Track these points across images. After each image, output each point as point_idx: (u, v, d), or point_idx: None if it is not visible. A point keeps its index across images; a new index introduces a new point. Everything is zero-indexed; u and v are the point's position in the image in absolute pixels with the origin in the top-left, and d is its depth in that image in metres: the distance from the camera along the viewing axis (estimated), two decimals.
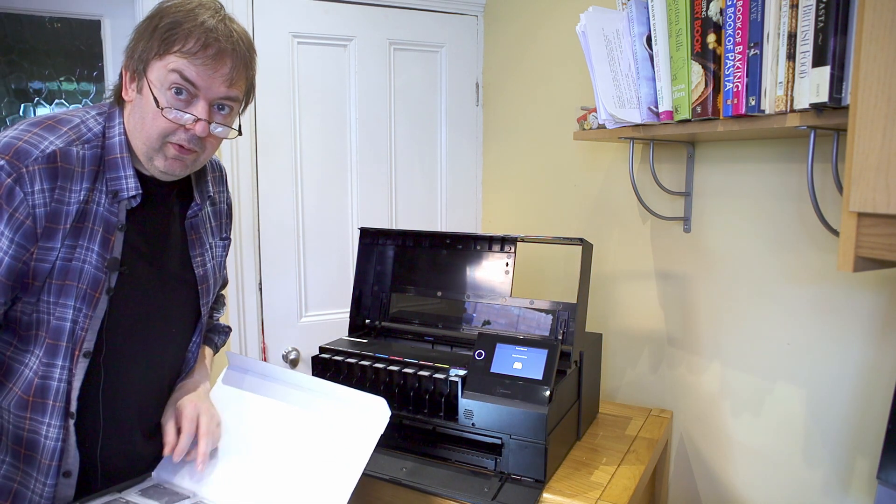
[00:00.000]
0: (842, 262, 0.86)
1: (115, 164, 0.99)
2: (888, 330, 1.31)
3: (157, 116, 0.96)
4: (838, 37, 1.01)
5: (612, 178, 1.81)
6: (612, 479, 1.28)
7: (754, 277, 1.52)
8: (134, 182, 1.00)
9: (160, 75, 0.95)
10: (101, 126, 1.00)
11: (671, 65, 1.28)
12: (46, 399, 0.97)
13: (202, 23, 0.95)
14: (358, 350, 1.42)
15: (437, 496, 1.23)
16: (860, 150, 0.82)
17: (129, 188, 0.99)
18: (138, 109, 0.98)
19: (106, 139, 0.99)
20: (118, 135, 1.00)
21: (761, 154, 1.49)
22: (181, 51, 0.94)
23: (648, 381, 1.77)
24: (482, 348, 1.31)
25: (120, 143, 0.99)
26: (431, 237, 1.63)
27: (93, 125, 0.99)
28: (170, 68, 0.94)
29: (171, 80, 0.95)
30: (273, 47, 1.94)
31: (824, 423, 1.42)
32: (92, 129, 0.99)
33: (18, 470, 0.99)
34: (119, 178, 0.99)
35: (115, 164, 0.99)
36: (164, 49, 0.94)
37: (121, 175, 0.99)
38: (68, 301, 0.95)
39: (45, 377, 0.96)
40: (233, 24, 0.99)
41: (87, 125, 0.98)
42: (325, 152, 2.06)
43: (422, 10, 2.10)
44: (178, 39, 0.94)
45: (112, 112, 1.02)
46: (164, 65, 0.94)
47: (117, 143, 0.99)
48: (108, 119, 1.01)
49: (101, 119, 1.01)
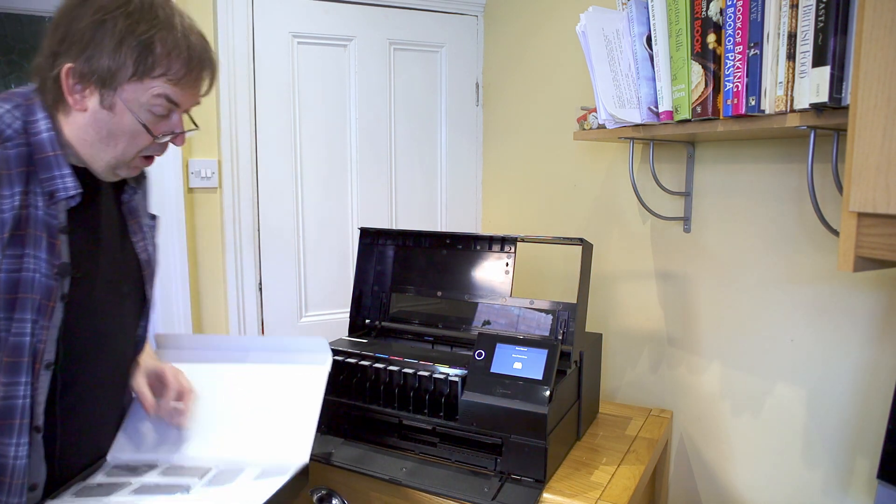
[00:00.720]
0: (842, 262, 0.86)
1: (48, 162, 0.91)
2: (888, 330, 1.31)
3: (138, 137, 0.93)
4: (838, 37, 1.01)
5: (612, 178, 1.81)
6: (612, 479, 1.28)
7: (754, 277, 1.52)
8: (72, 181, 0.92)
9: (141, 98, 0.91)
10: (20, 121, 0.90)
11: (671, 65, 1.28)
12: (12, 419, 0.90)
13: (180, 42, 0.91)
14: (358, 350, 1.42)
15: (437, 496, 1.23)
16: (860, 150, 0.82)
17: (67, 188, 0.91)
18: (103, 124, 0.92)
19: (30, 135, 0.90)
20: (45, 130, 0.91)
21: (761, 154, 1.49)
22: (166, 76, 0.91)
23: (648, 381, 1.77)
24: (482, 348, 1.31)
25: (50, 140, 0.91)
26: (431, 237, 1.63)
27: (10, 120, 0.89)
28: (155, 93, 0.92)
29: (155, 103, 0.92)
30: (273, 47, 1.94)
31: (824, 423, 1.42)
32: (10, 125, 0.89)
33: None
34: (54, 178, 0.91)
35: (47, 163, 0.91)
36: (143, 72, 0.90)
37: (55, 174, 0.91)
38: (25, 315, 0.88)
39: (7, 397, 0.89)
40: (197, 28, 0.96)
41: (3, 121, 0.89)
42: (325, 152, 2.06)
43: (422, 10, 2.10)
44: (160, 64, 0.90)
45: (31, 105, 0.92)
46: (146, 88, 0.91)
47: (46, 139, 0.91)
48: (27, 113, 0.91)
49: (17, 113, 0.91)
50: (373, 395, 1.36)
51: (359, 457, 1.35)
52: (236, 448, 1.09)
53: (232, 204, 1.95)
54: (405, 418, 1.34)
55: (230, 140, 1.93)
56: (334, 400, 1.40)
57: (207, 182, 1.92)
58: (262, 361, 1.15)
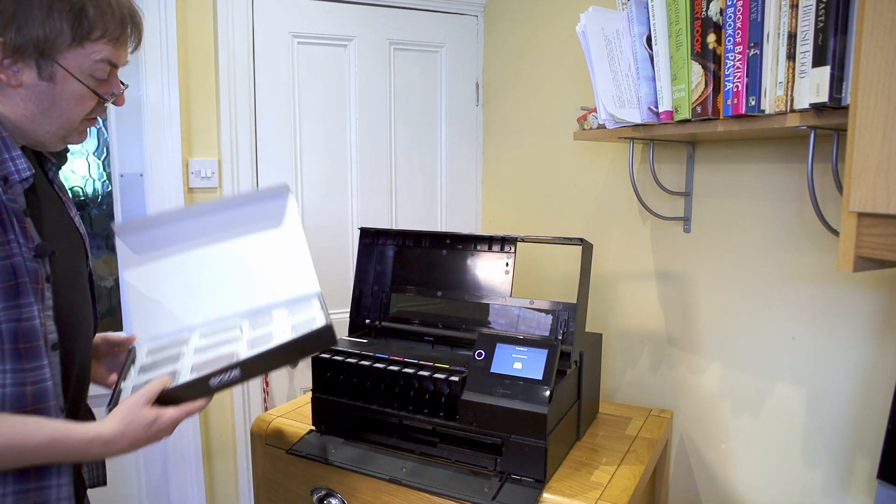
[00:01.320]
0: (842, 262, 0.86)
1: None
2: (888, 330, 1.31)
3: (83, 101, 0.93)
4: (838, 37, 1.01)
5: (612, 178, 1.81)
6: (612, 479, 1.28)
7: (754, 277, 1.52)
8: (24, 162, 0.90)
9: (83, 64, 0.91)
10: None
11: (671, 65, 1.28)
12: (46, 402, 0.91)
13: (110, 0, 0.91)
14: (358, 350, 1.42)
15: (437, 496, 1.23)
16: (860, 150, 0.82)
17: (21, 169, 0.89)
18: (45, 96, 0.91)
19: None
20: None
21: (761, 154, 1.49)
22: (105, 38, 0.91)
23: (648, 381, 1.77)
24: (482, 348, 1.31)
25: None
26: (431, 237, 1.63)
27: None
28: (97, 58, 0.91)
29: (98, 67, 0.92)
30: (273, 47, 1.95)
31: (824, 423, 1.42)
32: None
33: (29, 492, 0.91)
34: (5, 161, 0.89)
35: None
36: (80, 37, 0.89)
37: (6, 157, 0.89)
38: (29, 299, 0.88)
39: (36, 382, 0.90)
40: None
41: None
42: (324, 152, 2.06)
43: (422, 10, 2.10)
44: (97, 26, 0.90)
45: None
46: (87, 54, 0.90)
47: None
48: None
49: None
50: (373, 395, 1.36)
51: (359, 457, 1.35)
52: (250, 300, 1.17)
53: None
54: (405, 418, 1.34)
55: (230, 140, 1.93)
56: (334, 400, 1.40)
57: (207, 182, 1.92)
58: (235, 235, 1.20)
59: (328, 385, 1.40)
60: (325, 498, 1.36)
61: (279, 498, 1.46)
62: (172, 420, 0.96)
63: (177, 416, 0.97)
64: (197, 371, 1.00)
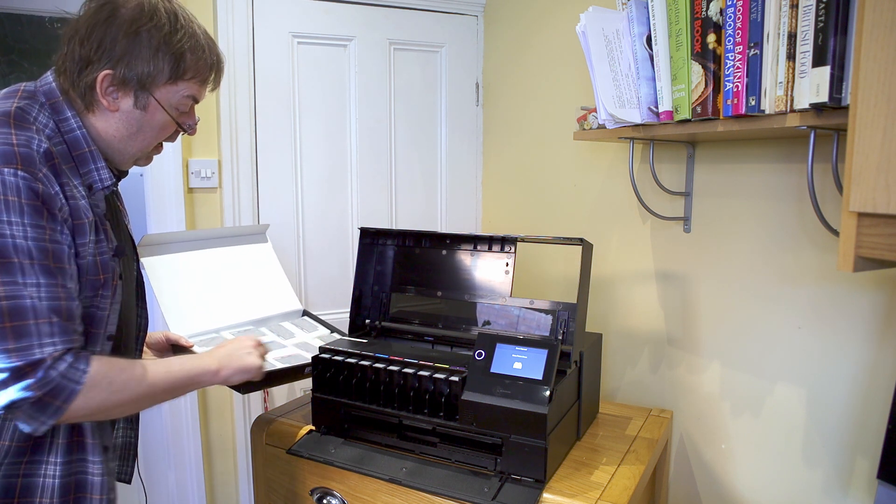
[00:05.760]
0: (842, 262, 0.86)
1: (86, 157, 1.00)
2: (888, 330, 1.31)
3: (164, 130, 1.06)
4: (838, 37, 1.01)
5: (612, 178, 1.81)
6: (612, 479, 1.28)
7: (754, 277, 1.52)
8: (107, 172, 1.02)
9: (173, 98, 1.04)
10: (52, 121, 0.98)
11: (671, 65, 1.28)
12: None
13: (203, 48, 1.04)
14: (358, 350, 1.42)
15: (437, 496, 1.23)
16: (860, 150, 0.82)
17: (103, 178, 1.02)
18: (135, 122, 1.03)
19: (64, 134, 0.98)
20: (78, 128, 0.99)
21: (761, 154, 1.49)
22: (197, 79, 1.05)
23: (648, 381, 1.77)
24: (482, 348, 1.31)
25: (84, 137, 1.00)
26: (431, 237, 1.63)
27: (45, 120, 0.97)
28: (185, 94, 1.05)
29: (183, 102, 1.06)
30: (273, 47, 1.94)
31: (824, 423, 1.42)
32: (47, 125, 0.96)
33: (72, 463, 1.02)
34: (92, 171, 1.01)
35: (85, 158, 1.00)
36: (176, 77, 1.02)
37: (92, 168, 1.01)
38: (106, 292, 1.02)
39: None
40: (204, 28, 1.07)
41: (40, 121, 0.96)
42: (325, 152, 2.06)
43: (422, 10, 2.10)
44: (190, 68, 1.03)
45: (56, 104, 0.99)
46: (178, 90, 1.04)
47: (80, 136, 1.00)
48: (55, 112, 0.99)
49: (47, 113, 0.98)
50: (373, 395, 1.36)
51: (359, 457, 1.35)
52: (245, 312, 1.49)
53: (232, 204, 1.95)
54: (405, 418, 1.34)
55: (230, 140, 1.93)
56: (334, 400, 1.40)
57: (207, 182, 1.92)
58: (221, 245, 1.53)
59: (328, 385, 1.40)
60: (324, 498, 1.36)
61: (279, 498, 1.46)
62: (257, 342, 1.22)
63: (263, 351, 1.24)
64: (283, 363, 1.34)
